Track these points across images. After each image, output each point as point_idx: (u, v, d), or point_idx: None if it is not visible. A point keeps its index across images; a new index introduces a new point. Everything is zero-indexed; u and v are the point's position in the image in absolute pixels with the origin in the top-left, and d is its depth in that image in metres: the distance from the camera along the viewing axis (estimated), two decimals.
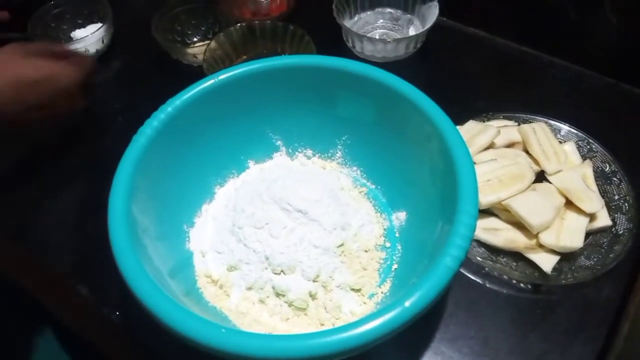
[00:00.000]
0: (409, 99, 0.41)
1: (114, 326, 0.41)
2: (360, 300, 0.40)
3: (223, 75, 0.43)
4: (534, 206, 0.42)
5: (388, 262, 0.43)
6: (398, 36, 0.61)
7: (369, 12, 0.62)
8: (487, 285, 0.42)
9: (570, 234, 0.41)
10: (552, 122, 0.50)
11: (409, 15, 0.61)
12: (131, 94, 0.60)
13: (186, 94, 0.42)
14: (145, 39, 0.59)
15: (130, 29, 0.65)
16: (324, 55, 0.44)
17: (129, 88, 0.61)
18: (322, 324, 0.39)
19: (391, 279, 0.42)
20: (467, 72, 0.59)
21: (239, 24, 0.57)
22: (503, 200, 0.42)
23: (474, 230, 0.33)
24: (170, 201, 0.42)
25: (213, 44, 0.56)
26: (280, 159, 0.50)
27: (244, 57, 0.59)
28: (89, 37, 0.59)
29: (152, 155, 0.39)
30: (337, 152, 0.49)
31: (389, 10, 0.62)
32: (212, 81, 0.43)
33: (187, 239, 0.43)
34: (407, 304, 0.30)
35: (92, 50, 0.60)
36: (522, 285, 0.41)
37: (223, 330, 0.29)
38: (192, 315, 0.30)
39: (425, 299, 0.31)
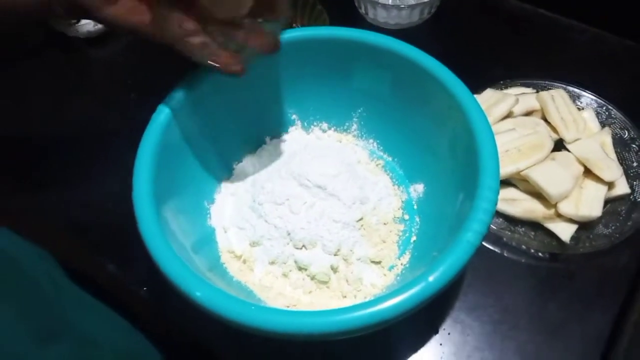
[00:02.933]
0: (426, 70, 0.40)
1: (142, 301, 0.43)
2: (380, 272, 0.41)
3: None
4: (553, 176, 0.42)
5: (407, 235, 0.43)
6: (412, 1, 0.59)
7: None
8: (505, 255, 0.43)
9: (589, 203, 0.41)
10: (570, 89, 0.49)
11: None
12: (144, 68, 0.59)
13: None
14: None
15: None
16: (338, 27, 0.44)
17: (141, 64, 0.60)
18: (345, 296, 0.40)
19: (410, 250, 0.42)
20: (483, 37, 0.57)
21: None
22: (522, 171, 0.42)
23: (495, 204, 0.34)
24: (190, 178, 0.42)
25: None
26: (295, 133, 0.50)
27: None
28: None
29: (171, 133, 0.39)
30: (352, 125, 0.49)
31: None
32: None
33: (209, 215, 0.44)
34: (430, 278, 0.31)
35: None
36: (540, 254, 0.42)
37: (252, 307, 0.30)
38: (221, 292, 0.31)
39: (448, 274, 0.31)
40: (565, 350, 0.38)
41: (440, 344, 0.39)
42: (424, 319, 0.40)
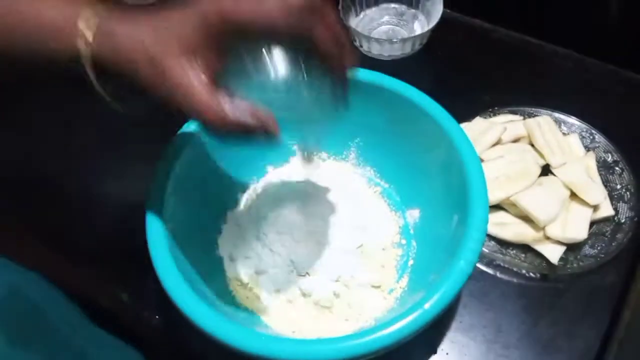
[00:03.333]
0: (418, 106, 0.43)
1: (155, 329, 0.45)
2: (381, 296, 0.44)
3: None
4: (541, 201, 0.44)
5: (404, 259, 0.46)
6: (404, 32, 0.62)
7: (373, 9, 0.64)
8: (498, 276, 0.45)
9: (575, 225, 0.44)
10: (556, 115, 0.52)
11: (413, 10, 0.63)
12: None
13: None
14: None
15: None
16: None
17: None
18: (347, 320, 0.42)
19: (408, 274, 0.45)
20: (473, 65, 0.60)
21: None
22: (511, 197, 0.45)
23: (485, 232, 0.36)
24: (200, 213, 0.45)
25: None
26: (296, 162, 0.52)
27: None
28: None
29: (181, 171, 0.42)
30: (350, 154, 0.52)
31: (393, 5, 0.63)
32: None
33: (216, 245, 0.46)
34: (426, 306, 0.33)
35: None
36: (531, 274, 0.44)
37: (263, 337, 0.33)
38: (230, 322, 0.34)
39: (443, 301, 0.34)
40: None
41: None
42: (422, 340, 0.42)
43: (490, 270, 0.45)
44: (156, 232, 0.38)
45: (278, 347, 0.32)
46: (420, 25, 0.62)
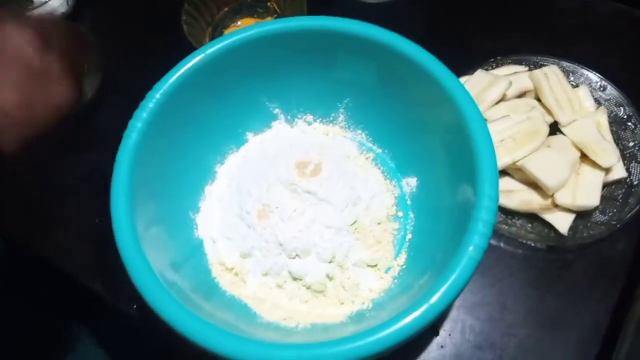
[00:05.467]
0: (412, 60, 0.38)
1: (132, 319, 0.41)
2: (377, 276, 0.40)
3: (211, 49, 0.39)
4: (549, 165, 0.40)
5: (402, 233, 0.42)
6: None
7: None
8: (502, 247, 0.42)
9: (586, 191, 0.40)
10: (564, 64, 0.47)
11: None
12: (115, 64, 0.54)
13: (173, 75, 0.38)
14: None
15: None
16: (318, 16, 0.40)
17: (112, 59, 0.55)
18: (342, 303, 0.39)
19: (406, 250, 0.41)
20: (471, 8, 0.54)
21: None
22: (518, 161, 0.41)
23: (495, 214, 0.32)
24: (172, 190, 0.40)
25: None
26: (279, 127, 0.47)
27: (226, 8, 0.53)
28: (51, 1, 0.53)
29: (147, 147, 0.37)
30: (339, 116, 0.46)
31: None
32: (200, 57, 0.39)
33: (195, 226, 0.42)
34: (433, 300, 0.30)
35: (58, 14, 0.54)
36: (537, 245, 0.41)
37: (251, 343, 0.29)
38: (205, 324, 0.30)
39: (451, 294, 0.30)
40: (564, 342, 0.38)
41: (442, 347, 0.38)
42: None
43: (494, 242, 0.42)
44: (122, 218, 0.33)
45: (256, 350, 0.29)
46: None
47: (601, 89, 0.46)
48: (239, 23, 0.53)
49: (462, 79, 0.46)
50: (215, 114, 0.43)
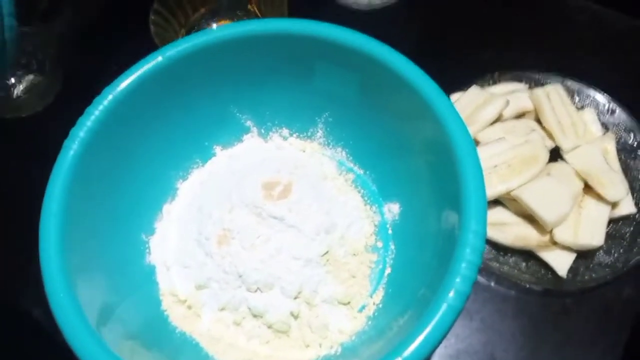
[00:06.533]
0: (397, 73, 0.33)
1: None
2: (350, 315, 0.36)
3: (172, 51, 0.35)
4: (548, 196, 0.36)
5: (380, 266, 0.37)
6: None
7: None
8: (493, 287, 0.37)
9: (589, 228, 0.36)
10: (569, 83, 0.43)
11: None
12: (79, 66, 0.50)
13: (126, 78, 0.34)
14: None
15: None
16: (295, 19, 0.36)
17: (77, 59, 0.51)
18: (308, 345, 0.35)
19: (384, 286, 0.36)
20: (469, 18, 0.50)
21: None
22: (512, 191, 0.36)
23: (482, 253, 0.28)
24: (124, 210, 0.36)
25: None
26: (251, 141, 0.42)
27: (202, 10, 0.49)
28: None
29: (92, 160, 0.33)
30: (318, 131, 0.42)
31: None
32: (158, 59, 0.35)
33: (147, 250, 0.37)
34: (406, 353, 0.25)
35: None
36: (532, 287, 0.37)
37: None
38: None
39: (427, 347, 0.26)
40: None
41: None
42: None
43: (483, 280, 0.37)
44: (50, 247, 0.29)
45: None
46: None
47: (609, 112, 0.42)
48: (215, 26, 0.49)
49: (455, 96, 0.42)
50: (178, 125, 0.39)
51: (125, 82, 0.34)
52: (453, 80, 0.42)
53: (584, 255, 0.36)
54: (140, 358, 0.29)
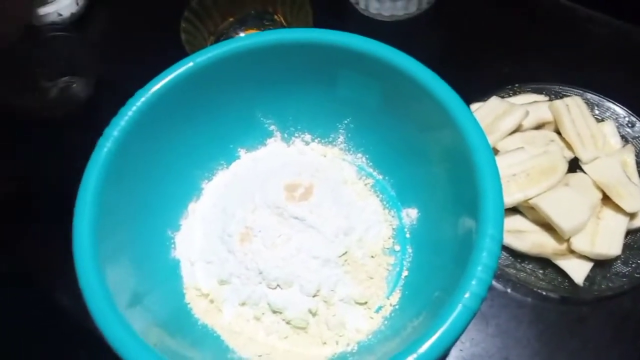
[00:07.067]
0: (418, 82, 0.34)
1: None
2: (366, 315, 0.36)
3: (202, 57, 0.37)
4: (566, 205, 0.36)
5: (397, 269, 0.38)
6: None
7: None
8: (510, 293, 0.38)
9: (607, 238, 0.36)
10: (589, 96, 0.43)
11: None
12: (112, 70, 0.52)
13: (159, 82, 0.36)
14: None
15: None
16: (320, 29, 0.37)
17: (110, 64, 0.53)
18: (325, 343, 0.35)
19: (401, 288, 0.37)
20: (490, 31, 0.51)
21: None
22: (530, 199, 0.37)
23: (498, 257, 0.28)
24: (152, 207, 0.37)
25: (194, 3, 0.48)
26: (274, 145, 0.44)
27: (230, 19, 0.51)
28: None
29: (124, 159, 0.34)
30: (339, 137, 0.43)
31: None
32: (189, 65, 0.37)
33: (173, 245, 0.39)
34: (421, 350, 0.26)
35: (66, 14, 0.53)
36: (549, 295, 0.37)
37: None
38: None
39: (441, 345, 0.26)
40: None
41: None
42: None
43: (500, 286, 0.38)
44: (83, 236, 0.31)
45: None
46: None
47: (629, 124, 0.42)
48: (243, 35, 0.51)
49: (475, 106, 0.43)
50: (205, 127, 0.40)
51: (157, 86, 0.36)
52: (473, 91, 0.43)
53: (601, 265, 0.37)
54: (164, 346, 0.30)
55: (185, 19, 0.47)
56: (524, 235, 0.37)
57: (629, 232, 0.38)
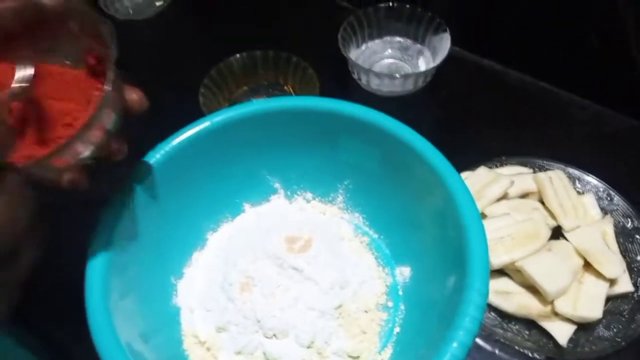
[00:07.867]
0: (414, 150, 0.38)
1: None
2: None
3: (218, 117, 0.41)
4: (550, 269, 0.38)
5: (390, 325, 0.39)
6: (407, 67, 0.57)
7: (377, 41, 0.59)
8: (497, 354, 0.39)
9: (588, 302, 0.38)
10: (570, 170, 0.47)
11: (419, 46, 0.58)
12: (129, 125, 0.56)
13: (177, 137, 0.39)
14: None
15: None
16: (326, 98, 0.41)
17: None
18: None
19: (393, 344, 0.38)
20: (480, 109, 0.55)
21: (239, 54, 0.54)
22: (516, 262, 0.39)
23: (483, 310, 0.30)
24: (158, 254, 0.39)
25: (213, 73, 0.53)
26: (278, 201, 0.47)
27: (245, 87, 0.56)
28: None
29: (138, 205, 0.37)
30: (338, 197, 0.46)
31: (398, 39, 0.59)
32: (206, 124, 0.40)
33: (175, 292, 0.40)
34: None
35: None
36: (535, 355, 0.38)
37: None
38: None
39: None
40: None
41: None
42: None
43: (488, 346, 0.39)
44: (95, 280, 0.32)
45: None
46: (425, 62, 0.57)
47: (608, 198, 0.45)
48: None
49: (465, 174, 0.46)
50: (215, 182, 0.43)
51: (176, 140, 0.39)
52: (464, 161, 0.47)
53: (584, 328, 0.38)
54: None
55: (204, 85, 0.51)
56: (510, 297, 0.39)
57: (610, 299, 0.40)
